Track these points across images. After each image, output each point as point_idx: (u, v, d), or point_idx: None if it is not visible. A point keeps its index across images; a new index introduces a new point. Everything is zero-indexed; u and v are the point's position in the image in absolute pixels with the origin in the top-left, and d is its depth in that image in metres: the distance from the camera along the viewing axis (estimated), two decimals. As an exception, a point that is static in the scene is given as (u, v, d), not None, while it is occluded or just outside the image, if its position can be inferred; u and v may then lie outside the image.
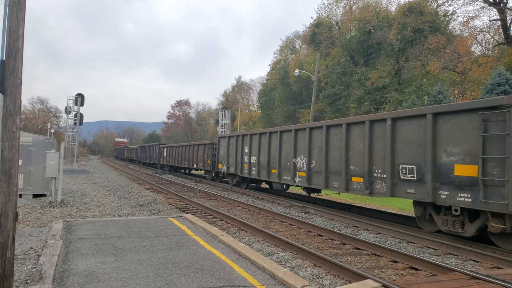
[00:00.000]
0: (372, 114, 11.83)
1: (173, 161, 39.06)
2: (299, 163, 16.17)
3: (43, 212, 13.14)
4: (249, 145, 21.24)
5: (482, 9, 37.86)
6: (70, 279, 5.73)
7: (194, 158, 32.30)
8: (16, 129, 4.18)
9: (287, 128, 18.13)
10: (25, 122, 65.81)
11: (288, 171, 17.08)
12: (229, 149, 24.19)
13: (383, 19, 43.85)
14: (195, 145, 32.56)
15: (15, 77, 4.09)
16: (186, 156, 34.69)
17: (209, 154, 28.58)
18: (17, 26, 4.09)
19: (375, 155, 12.10)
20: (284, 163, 17.49)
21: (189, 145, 34.71)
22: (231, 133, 26.06)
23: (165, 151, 42.98)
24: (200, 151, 30.67)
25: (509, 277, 6.24)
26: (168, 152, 41.50)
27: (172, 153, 39.51)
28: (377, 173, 11.97)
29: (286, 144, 17.35)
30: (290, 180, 16.99)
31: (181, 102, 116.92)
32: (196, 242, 8.38)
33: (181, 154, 36.30)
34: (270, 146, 18.82)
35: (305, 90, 56.45)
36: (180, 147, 37.47)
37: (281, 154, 17.72)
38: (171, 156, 40.09)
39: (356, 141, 12.92)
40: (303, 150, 15.91)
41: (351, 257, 8.63)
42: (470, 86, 35.26)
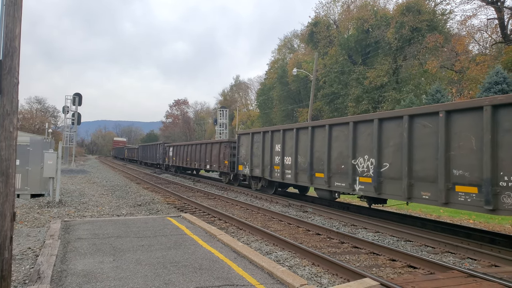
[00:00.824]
0: (498, 96, 9.03)
1: (181, 162, 35.52)
2: (361, 166, 12.87)
3: (41, 212, 13.12)
4: (281, 142, 17.89)
5: (480, 8, 37.98)
6: (68, 279, 5.72)
7: (207, 158, 28.95)
8: (14, 129, 4.17)
9: (340, 121, 14.40)
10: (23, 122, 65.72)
11: (342, 176, 13.75)
12: (253, 148, 20.88)
13: (381, 18, 43.90)
14: (209, 143, 29.07)
15: (12, 77, 4.09)
16: (197, 156, 31.20)
17: (226, 154, 25.16)
18: (13, 25, 4.08)
19: (503, 155, 8.81)
20: (336, 166, 14.16)
21: (201, 143, 30.90)
22: (256, 129, 21.82)
23: (171, 151, 39.23)
24: (214, 151, 27.45)
25: (507, 275, 6.26)
26: (174, 152, 37.91)
27: (180, 152, 36.08)
28: (506, 181, 8.69)
29: (339, 141, 14.04)
30: (345, 188, 13.59)
31: (179, 101, 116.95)
32: (194, 241, 8.38)
33: (190, 153, 32.75)
34: (313, 143, 15.53)
35: (303, 89, 56.48)
36: (189, 146, 33.62)
37: (330, 153, 14.39)
38: (178, 156, 36.60)
39: (464, 136, 9.63)
40: (368, 148, 12.58)
41: (349, 256, 8.65)
42: (468, 84, 35.35)
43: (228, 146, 25.10)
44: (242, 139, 22.65)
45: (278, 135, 18.32)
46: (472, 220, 14.22)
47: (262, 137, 19.80)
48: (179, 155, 36.13)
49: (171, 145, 39.82)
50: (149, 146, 53.67)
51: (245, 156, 21.85)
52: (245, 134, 22.61)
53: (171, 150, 39.07)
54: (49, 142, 17.88)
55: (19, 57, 4.18)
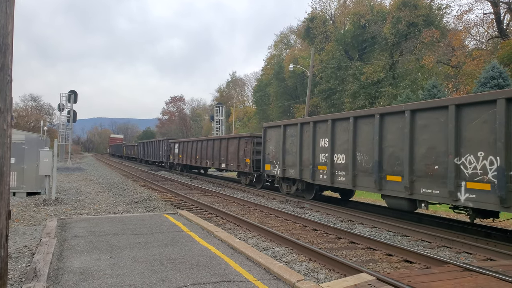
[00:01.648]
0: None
1: (189, 159, 32.25)
2: (471, 167, 9.30)
3: (37, 210, 13.08)
4: (329, 136, 14.28)
5: (476, 2, 38.04)
6: (65, 277, 5.71)
7: (221, 156, 25.52)
8: (7, 126, 4.14)
9: (431, 105, 10.57)
10: (18, 119, 65.45)
11: (435, 180, 10.16)
12: (286, 143, 17.24)
13: (378, 13, 43.88)
14: (225, 139, 25.48)
15: (5, 74, 4.06)
16: (208, 153, 27.85)
17: (248, 151, 21.69)
18: (6, 22, 4.05)
19: None
20: (423, 166, 10.52)
21: (214, 139, 27.52)
22: (290, 120, 18.06)
23: (176, 148, 35.82)
24: (232, 147, 23.93)
25: (502, 268, 6.29)
26: (181, 149, 34.50)
27: (187, 149, 32.63)
28: None
29: (429, 132, 10.41)
30: (440, 196, 10.04)
31: (176, 98, 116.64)
32: (191, 238, 8.38)
33: (201, 151, 29.45)
34: (382, 136, 11.96)
35: (300, 85, 56.46)
36: (199, 142, 30.15)
37: (413, 149, 10.80)
38: (185, 154, 33.18)
39: None
40: (485, 142, 9.05)
41: (346, 251, 8.67)
42: (464, 79, 35.39)
43: (250, 142, 21.64)
44: (270, 133, 18.82)
45: (325, 127, 14.67)
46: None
47: (300, 130, 16.11)
48: (187, 152, 32.91)
49: (177, 142, 36.44)
50: (150, 143, 49.45)
51: (275, 153, 18.14)
52: (274, 127, 18.68)
53: (177, 147, 35.75)
54: (45, 140, 17.81)
55: (12, 54, 4.14)
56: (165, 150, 39.75)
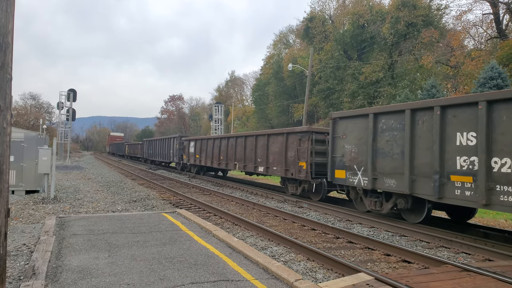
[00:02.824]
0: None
1: (209, 160, 26.99)
2: None
3: (36, 208, 13.08)
4: (484, 127, 8.92)
5: (475, 2, 38.07)
6: (64, 275, 5.71)
7: (259, 157, 20.11)
8: (7, 124, 4.14)
9: None
10: (17, 118, 65.37)
11: None
12: (377, 141, 12.06)
13: (377, 13, 43.93)
14: (265, 135, 19.84)
15: (5, 72, 4.06)
16: (239, 154, 22.51)
17: (303, 151, 16.17)
18: (6, 21, 4.05)
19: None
20: None
21: (247, 136, 22.08)
22: (388, 107, 12.43)
23: (192, 146, 30.76)
24: (275, 145, 18.54)
25: (500, 269, 6.31)
26: (198, 148, 29.38)
27: (207, 148, 27.53)
28: None
29: None
30: None
31: (175, 97, 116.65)
32: (189, 237, 8.38)
33: (226, 150, 24.18)
34: None
35: (299, 85, 56.49)
36: (225, 139, 24.85)
37: None
38: (204, 153, 28.19)
39: None
40: None
41: (344, 251, 8.68)
42: (463, 80, 35.43)
43: (306, 139, 16.15)
44: (346, 126, 13.39)
45: (469, 114, 9.33)
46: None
47: (410, 120, 10.84)
48: (206, 151, 27.80)
49: (193, 139, 31.44)
50: (158, 141, 43.54)
51: (355, 155, 12.91)
52: (353, 118, 13.28)
53: (193, 146, 30.71)
54: (44, 138, 17.81)
55: (12, 53, 4.14)
56: (177, 149, 35.09)
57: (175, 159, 35.77)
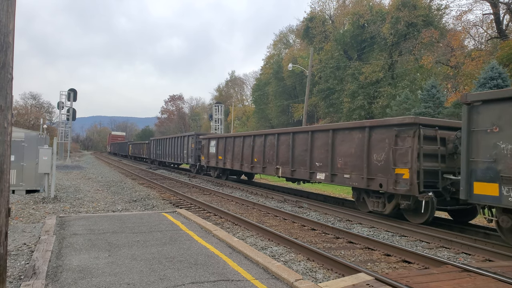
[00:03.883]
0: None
1: (237, 162, 22.57)
2: None
3: (36, 208, 13.08)
4: None
5: (475, 2, 38.07)
6: (64, 275, 5.72)
7: (317, 160, 15.19)
8: (8, 124, 4.15)
9: None
10: (17, 117, 65.36)
11: None
12: None
13: (377, 13, 43.93)
14: (328, 130, 14.70)
15: (6, 72, 4.06)
16: (283, 155, 17.57)
17: (404, 153, 11.40)
18: (7, 20, 4.05)
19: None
20: None
21: (296, 132, 16.90)
22: None
23: (213, 146, 26.34)
24: (347, 145, 13.72)
25: (500, 269, 6.31)
26: (221, 148, 24.92)
27: (235, 148, 23.02)
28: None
29: None
30: None
31: (175, 97, 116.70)
32: (190, 237, 8.39)
33: (264, 150, 19.42)
34: None
35: (299, 85, 56.50)
36: (262, 137, 19.79)
37: None
38: (229, 154, 23.62)
39: None
40: None
41: (344, 251, 8.69)
42: (463, 80, 35.44)
43: (409, 135, 11.35)
44: (498, 114, 8.82)
45: None
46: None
47: None
48: (233, 152, 23.21)
49: (215, 138, 26.85)
50: (169, 140, 38.94)
51: None
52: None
53: (214, 145, 26.32)
54: (44, 137, 17.82)
55: (13, 52, 4.15)
56: (193, 149, 30.98)
57: (191, 161, 31.64)
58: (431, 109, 27.74)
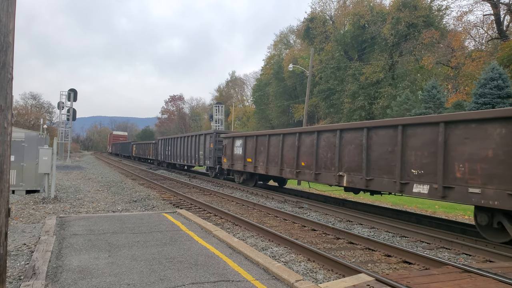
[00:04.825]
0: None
1: (277, 167, 17.69)
2: None
3: (36, 208, 13.07)
4: None
5: (476, 3, 38.06)
6: (64, 275, 5.71)
7: (414, 167, 10.80)
8: (8, 124, 4.14)
9: None
10: (18, 117, 65.42)
11: None
12: None
13: (377, 13, 43.95)
14: (441, 122, 10.04)
15: (6, 72, 4.05)
16: (354, 158, 13.09)
17: None
18: (7, 20, 4.04)
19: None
20: None
21: (381, 126, 12.34)
22: None
23: (239, 147, 22.06)
24: (475, 145, 9.27)
25: (501, 270, 6.29)
26: (251, 148, 20.59)
27: (270, 149, 18.53)
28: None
29: None
30: None
31: (175, 97, 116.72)
32: (190, 237, 8.38)
33: (319, 152, 14.84)
34: None
35: (299, 85, 56.51)
36: (314, 134, 15.19)
37: None
38: (263, 156, 19.16)
39: None
40: None
41: (345, 252, 8.67)
42: (464, 80, 35.45)
43: None
44: None
45: None
46: (467, 216, 14.30)
47: None
48: (267, 153, 18.69)
49: (240, 136, 22.47)
50: (180, 139, 34.91)
51: None
52: None
53: (240, 145, 22.02)
54: (44, 138, 17.82)
55: (13, 52, 4.14)
56: (211, 149, 26.83)
57: (208, 163, 27.48)
58: (431, 109, 27.73)
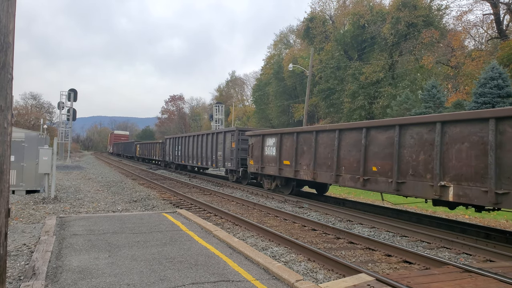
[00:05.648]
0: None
1: (333, 173, 13.77)
2: None
3: (36, 208, 13.07)
4: None
5: (476, 3, 38.09)
6: (64, 275, 5.70)
7: None
8: (8, 124, 4.13)
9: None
10: (18, 117, 65.42)
11: None
12: None
13: (377, 13, 43.93)
14: None
15: (6, 72, 4.05)
16: (469, 162, 9.15)
17: None
18: (7, 21, 4.04)
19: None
20: None
21: None
22: None
23: (271, 146, 18.32)
24: None
25: (502, 270, 6.29)
26: (290, 148, 16.71)
27: (319, 149, 14.80)
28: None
29: None
30: None
31: (175, 97, 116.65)
32: (190, 237, 8.37)
33: (408, 153, 10.77)
34: None
35: (299, 85, 56.50)
36: (394, 129, 11.23)
37: None
38: (308, 158, 15.44)
39: None
40: None
41: (345, 251, 8.66)
42: (464, 80, 35.45)
43: None
44: None
45: None
46: (468, 216, 14.29)
47: None
48: (315, 154, 14.92)
49: (272, 134, 18.55)
50: (193, 138, 30.98)
51: None
52: None
53: (273, 144, 18.09)
54: (44, 138, 17.81)
55: (13, 53, 4.14)
56: (233, 149, 23.04)
57: (229, 165, 23.62)
58: (431, 109, 27.73)
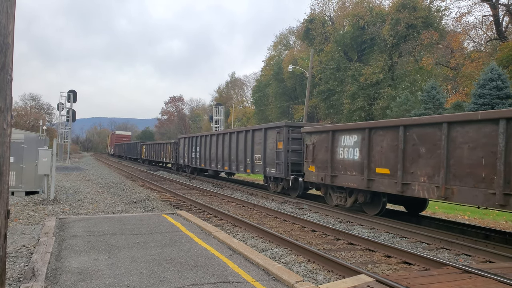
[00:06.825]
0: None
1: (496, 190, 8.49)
2: None
3: (35, 209, 13.06)
4: None
5: (475, 4, 38.10)
6: (63, 277, 5.70)
7: None
8: (7, 126, 4.14)
9: None
10: (17, 119, 65.42)
11: None
12: None
13: (377, 14, 43.98)
14: None
15: (6, 74, 4.05)
16: None
17: None
18: (7, 22, 4.04)
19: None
20: None
21: None
22: None
23: (350, 147, 13.03)
24: None
25: (501, 270, 6.29)
26: (386, 148, 11.54)
27: (439, 150, 9.78)
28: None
29: None
30: None
31: (175, 98, 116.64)
32: (190, 238, 8.37)
33: None
34: None
35: (299, 86, 56.50)
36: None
37: None
38: (428, 163, 10.13)
39: None
40: None
41: (345, 252, 8.66)
42: (463, 81, 35.49)
43: None
44: None
45: None
46: (467, 217, 14.29)
47: None
48: (445, 156, 9.61)
49: (351, 130, 13.35)
50: (217, 137, 25.31)
51: None
52: None
53: (353, 144, 12.96)
54: (44, 139, 17.79)
55: (12, 54, 4.14)
56: (279, 151, 17.89)
57: (274, 171, 18.48)
58: (431, 110, 27.75)
